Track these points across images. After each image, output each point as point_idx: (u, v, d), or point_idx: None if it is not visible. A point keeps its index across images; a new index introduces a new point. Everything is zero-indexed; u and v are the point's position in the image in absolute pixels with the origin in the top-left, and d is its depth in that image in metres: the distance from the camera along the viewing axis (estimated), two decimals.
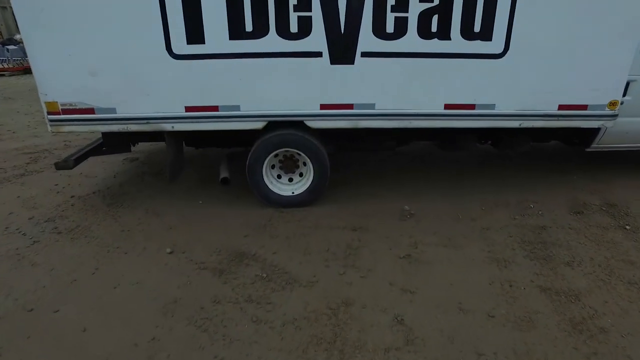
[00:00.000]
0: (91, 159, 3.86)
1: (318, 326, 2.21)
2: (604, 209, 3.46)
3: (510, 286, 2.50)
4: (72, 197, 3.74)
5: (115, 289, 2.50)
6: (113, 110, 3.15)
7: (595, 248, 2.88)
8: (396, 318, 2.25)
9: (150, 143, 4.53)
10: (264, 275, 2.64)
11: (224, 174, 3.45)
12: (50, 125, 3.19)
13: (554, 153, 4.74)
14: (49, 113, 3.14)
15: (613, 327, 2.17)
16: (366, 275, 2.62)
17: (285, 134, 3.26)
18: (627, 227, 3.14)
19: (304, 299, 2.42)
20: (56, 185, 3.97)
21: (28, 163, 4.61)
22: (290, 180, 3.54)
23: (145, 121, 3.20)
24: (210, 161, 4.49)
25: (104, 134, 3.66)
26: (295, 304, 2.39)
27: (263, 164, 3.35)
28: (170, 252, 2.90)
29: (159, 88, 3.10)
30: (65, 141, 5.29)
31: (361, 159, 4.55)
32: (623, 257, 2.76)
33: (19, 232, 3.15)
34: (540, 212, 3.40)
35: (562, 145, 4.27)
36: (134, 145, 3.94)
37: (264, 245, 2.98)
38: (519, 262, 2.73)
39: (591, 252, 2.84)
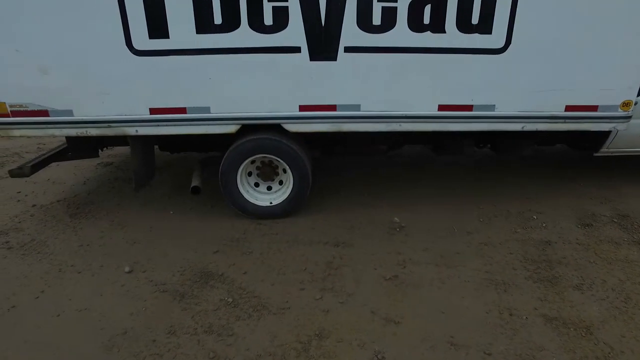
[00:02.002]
0: (64, 164, 3.57)
1: None
2: (615, 220, 3.13)
3: (511, 315, 2.17)
4: (33, 206, 3.43)
5: (57, 317, 2.19)
6: (69, 113, 2.83)
7: (607, 268, 2.56)
8: (376, 355, 1.93)
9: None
10: (230, 300, 2.33)
11: (195, 182, 3.13)
12: None
13: (558, 157, 4.39)
14: None
15: None
16: (345, 301, 2.30)
17: (260, 139, 2.94)
18: None
19: (272, 329, 2.11)
20: (19, 192, 3.66)
21: None
22: (269, 188, 3.22)
23: (107, 124, 2.88)
24: (187, 166, 4.19)
25: (68, 137, 3.36)
26: (261, 336, 2.07)
27: (237, 172, 3.03)
28: (129, 271, 2.59)
29: (120, 88, 2.78)
30: (38, 144, 4.98)
31: (352, 162, 4.22)
32: None
33: None
34: (544, 225, 3.07)
35: (567, 148, 3.95)
36: (101, 150, 3.62)
37: (235, 263, 2.67)
38: (520, 285, 2.41)
39: (603, 272, 2.52)
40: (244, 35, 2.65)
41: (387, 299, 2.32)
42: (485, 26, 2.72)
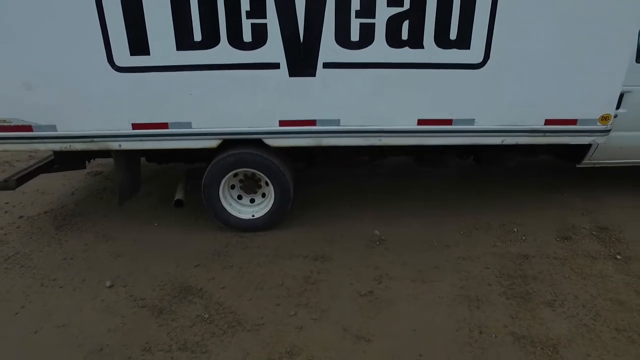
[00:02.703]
0: (54, 173, 3.60)
1: None
2: (594, 233, 3.15)
3: (480, 333, 2.20)
4: (20, 217, 3.48)
5: (36, 334, 2.23)
6: (53, 128, 2.87)
7: (581, 283, 2.58)
8: None
9: None
10: (206, 316, 2.37)
11: (178, 195, 3.17)
12: None
13: (543, 167, 4.38)
14: None
15: None
16: (319, 318, 2.34)
17: (242, 154, 2.97)
18: (618, 256, 2.83)
19: (245, 346, 2.14)
20: (6, 203, 3.70)
21: None
22: (252, 201, 3.25)
23: (90, 139, 2.91)
24: (175, 176, 4.20)
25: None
26: (234, 353, 2.11)
27: (220, 185, 3.06)
28: (110, 286, 2.63)
29: (103, 103, 2.81)
30: (30, 153, 5.02)
31: (335, 173, 4.22)
32: (611, 296, 2.46)
33: None
34: (523, 238, 3.09)
35: (552, 158, 3.96)
36: (88, 162, 3.67)
37: (214, 277, 2.70)
38: (493, 302, 2.44)
39: (576, 288, 2.54)
40: (223, 51, 2.68)
41: (360, 315, 2.35)
42: (463, 42, 2.74)
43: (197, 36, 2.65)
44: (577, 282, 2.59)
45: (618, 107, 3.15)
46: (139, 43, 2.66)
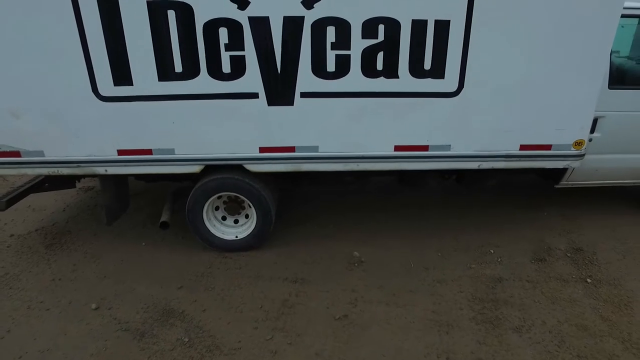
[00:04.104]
0: None
1: None
2: (568, 255, 3.23)
3: (447, 359, 2.29)
4: (11, 236, 3.58)
5: (19, 359, 2.35)
6: (41, 154, 2.97)
7: (549, 308, 2.66)
8: None
9: None
10: (186, 339, 2.46)
11: (163, 217, 3.26)
12: None
13: (526, 184, 4.45)
14: None
15: None
16: (293, 342, 2.43)
17: (223, 178, 3.06)
18: (589, 280, 2.91)
19: None
20: None
21: None
22: (236, 222, 3.34)
23: (76, 165, 3.01)
24: (165, 192, 4.31)
25: None
26: None
27: (203, 209, 3.16)
28: (96, 308, 2.72)
29: (88, 130, 2.90)
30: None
31: (320, 192, 4.29)
32: (577, 321, 2.53)
33: None
34: (499, 259, 3.17)
35: (534, 176, 4.03)
36: (78, 181, 3.77)
37: (197, 299, 2.80)
38: (463, 327, 2.52)
39: (544, 313, 2.62)
40: (203, 82, 2.77)
41: (333, 339, 2.44)
42: (437, 71, 2.82)
43: (178, 68, 2.74)
44: (546, 307, 2.67)
45: (593, 131, 3.24)
46: (122, 74, 2.75)
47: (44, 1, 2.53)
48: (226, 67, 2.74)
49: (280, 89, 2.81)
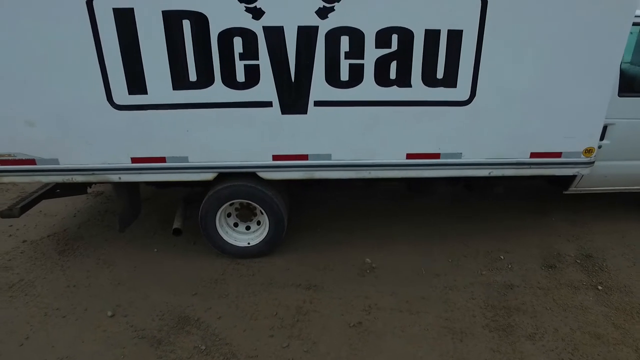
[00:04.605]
0: None
1: None
2: (578, 261, 3.25)
3: None
4: (24, 242, 3.61)
5: None
6: (55, 161, 2.99)
7: (562, 315, 2.69)
8: None
9: None
10: (203, 347, 2.49)
11: (176, 224, 3.28)
12: None
13: (533, 190, 4.46)
14: None
15: None
16: (310, 350, 2.45)
17: (236, 186, 3.08)
18: (600, 287, 2.94)
19: None
20: (10, 226, 3.83)
21: None
22: (248, 228, 3.37)
23: (91, 172, 3.03)
24: (175, 197, 4.32)
25: None
26: None
27: (216, 216, 3.18)
28: (112, 316, 2.75)
29: (103, 139, 2.92)
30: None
31: (330, 196, 4.31)
32: (590, 329, 2.56)
33: None
34: (509, 266, 3.20)
35: (542, 182, 4.05)
36: (90, 187, 3.80)
37: (211, 307, 2.82)
38: (476, 334, 2.55)
39: (557, 320, 2.65)
40: (217, 91, 2.79)
41: (348, 347, 2.47)
42: (450, 80, 2.84)
43: (193, 77, 2.76)
44: (558, 314, 2.70)
45: (602, 138, 3.26)
46: (137, 83, 2.77)
47: (62, 12, 2.55)
48: (240, 76, 2.76)
49: (294, 98, 2.83)
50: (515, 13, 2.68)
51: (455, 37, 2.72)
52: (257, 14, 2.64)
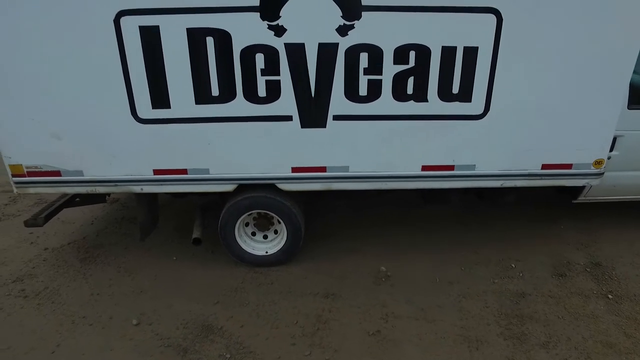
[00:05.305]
0: None
1: None
2: (588, 269, 3.34)
3: None
4: (45, 249, 3.69)
5: None
6: (80, 173, 3.07)
7: (573, 324, 2.78)
8: None
9: None
10: (228, 356, 2.57)
11: (195, 234, 3.36)
12: (16, 187, 3.11)
13: (542, 198, 4.51)
14: (13, 175, 3.06)
15: None
16: (331, 358, 2.54)
17: (256, 197, 3.16)
18: (610, 295, 3.03)
19: None
20: (31, 234, 3.91)
21: (6, 204, 4.56)
22: (265, 237, 3.45)
23: (114, 184, 3.11)
24: (187, 205, 4.41)
25: None
26: None
27: (235, 226, 3.26)
28: (137, 324, 2.84)
29: (126, 151, 3.00)
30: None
31: (343, 204, 4.39)
32: (602, 338, 2.65)
33: None
34: (520, 274, 3.29)
35: (551, 191, 4.13)
36: (109, 196, 3.87)
37: (233, 315, 2.90)
38: (491, 342, 2.64)
39: (569, 329, 2.74)
40: (239, 105, 2.87)
41: (369, 355, 2.56)
42: (465, 95, 2.92)
43: (215, 91, 2.84)
44: (570, 323, 2.79)
45: (611, 149, 3.34)
46: (160, 98, 2.85)
47: (90, 30, 2.63)
48: (262, 91, 2.84)
49: (313, 112, 2.91)
50: (529, 30, 2.76)
51: (470, 53, 2.80)
52: (279, 31, 2.71)
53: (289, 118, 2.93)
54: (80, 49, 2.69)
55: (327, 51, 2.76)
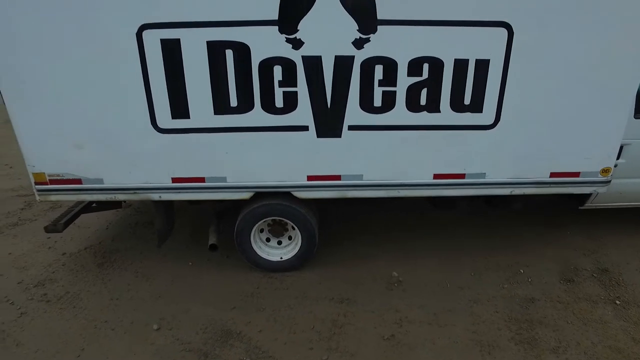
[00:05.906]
0: None
1: None
2: (595, 275, 3.42)
3: None
4: (63, 254, 3.77)
5: None
6: (100, 181, 3.15)
7: (582, 329, 2.86)
8: None
9: None
10: None
11: (211, 240, 3.44)
12: (38, 195, 3.19)
13: (549, 204, 4.60)
14: (36, 183, 3.15)
15: None
16: None
17: (272, 204, 3.25)
18: (617, 301, 3.10)
19: None
20: (48, 238, 4.00)
21: (22, 209, 4.65)
22: (279, 243, 3.54)
23: (133, 191, 3.19)
24: (202, 211, 4.48)
25: None
26: None
27: (251, 232, 3.35)
28: (158, 329, 2.91)
29: (146, 160, 3.09)
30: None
31: (355, 211, 4.47)
32: (610, 343, 2.73)
33: (7, 301, 3.18)
34: (529, 280, 3.37)
35: (558, 197, 4.21)
36: (124, 202, 3.95)
37: (250, 321, 2.98)
38: (503, 347, 2.72)
39: (578, 334, 2.81)
40: (257, 116, 2.95)
41: (384, 359, 2.64)
42: (476, 106, 3.00)
43: (233, 102, 2.92)
44: (579, 328, 2.87)
45: (618, 157, 3.42)
46: (180, 109, 2.93)
47: (113, 42, 2.71)
48: (279, 102, 2.92)
49: (329, 123, 2.99)
50: (539, 43, 2.84)
51: (482, 66, 2.88)
52: (297, 44, 2.79)
53: (305, 128, 3.01)
54: (104, 61, 2.77)
55: (343, 64, 2.84)
